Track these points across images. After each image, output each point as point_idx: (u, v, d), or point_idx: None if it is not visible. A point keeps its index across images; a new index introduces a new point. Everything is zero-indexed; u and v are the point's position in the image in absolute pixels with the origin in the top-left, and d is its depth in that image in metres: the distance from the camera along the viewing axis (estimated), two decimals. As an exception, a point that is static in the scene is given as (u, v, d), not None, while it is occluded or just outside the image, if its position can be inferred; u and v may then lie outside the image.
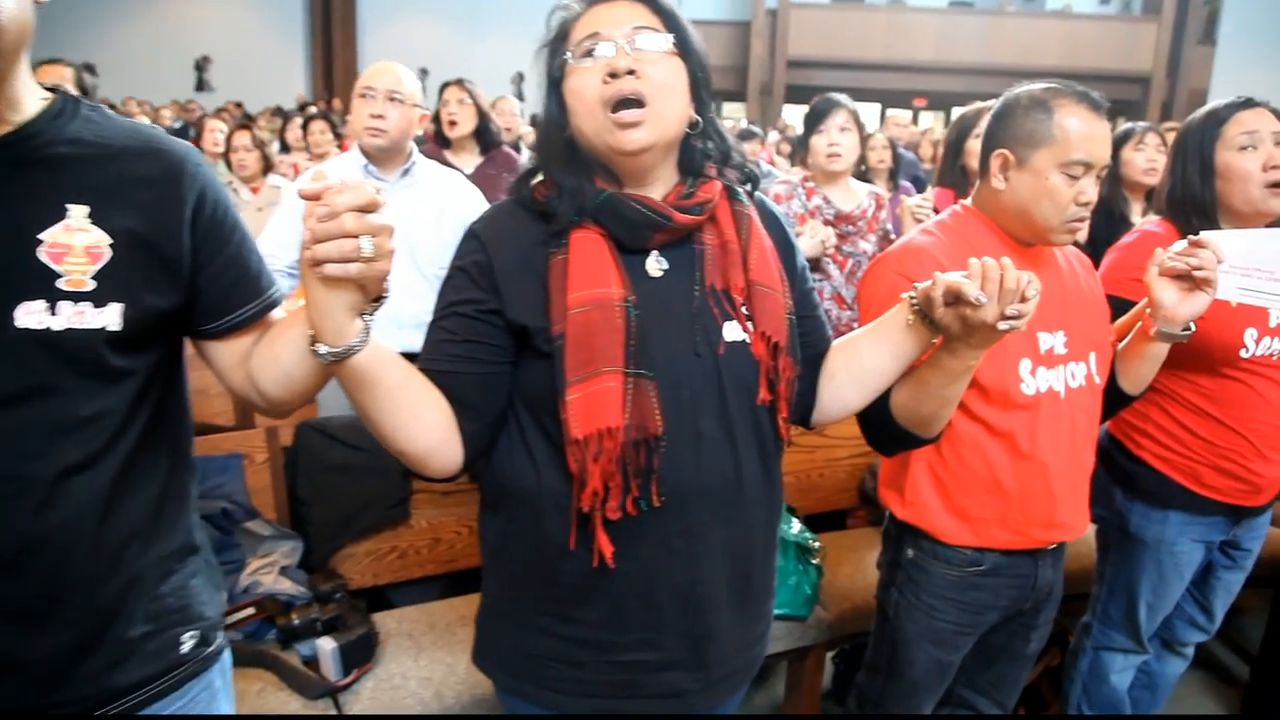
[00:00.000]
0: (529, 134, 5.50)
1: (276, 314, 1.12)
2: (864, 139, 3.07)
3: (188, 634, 1.08)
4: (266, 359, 1.06)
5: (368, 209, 0.87)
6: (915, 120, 14.80)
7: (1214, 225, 1.79)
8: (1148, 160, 2.99)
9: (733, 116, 15.18)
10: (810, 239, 2.69)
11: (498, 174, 3.17)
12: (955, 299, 1.09)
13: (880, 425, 1.31)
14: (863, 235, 2.86)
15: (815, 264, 2.79)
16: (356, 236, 0.86)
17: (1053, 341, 1.51)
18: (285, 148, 6.34)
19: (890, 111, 13.66)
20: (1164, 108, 15.20)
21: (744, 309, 1.16)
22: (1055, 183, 1.43)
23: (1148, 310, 1.53)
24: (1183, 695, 2.41)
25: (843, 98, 2.87)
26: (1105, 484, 1.98)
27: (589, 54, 1.11)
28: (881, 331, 1.24)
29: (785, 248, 1.26)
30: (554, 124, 1.17)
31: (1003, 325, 1.10)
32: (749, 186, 1.26)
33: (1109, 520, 1.99)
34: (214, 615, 1.13)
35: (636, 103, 1.07)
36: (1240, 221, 1.79)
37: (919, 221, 2.42)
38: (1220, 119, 1.80)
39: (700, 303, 1.15)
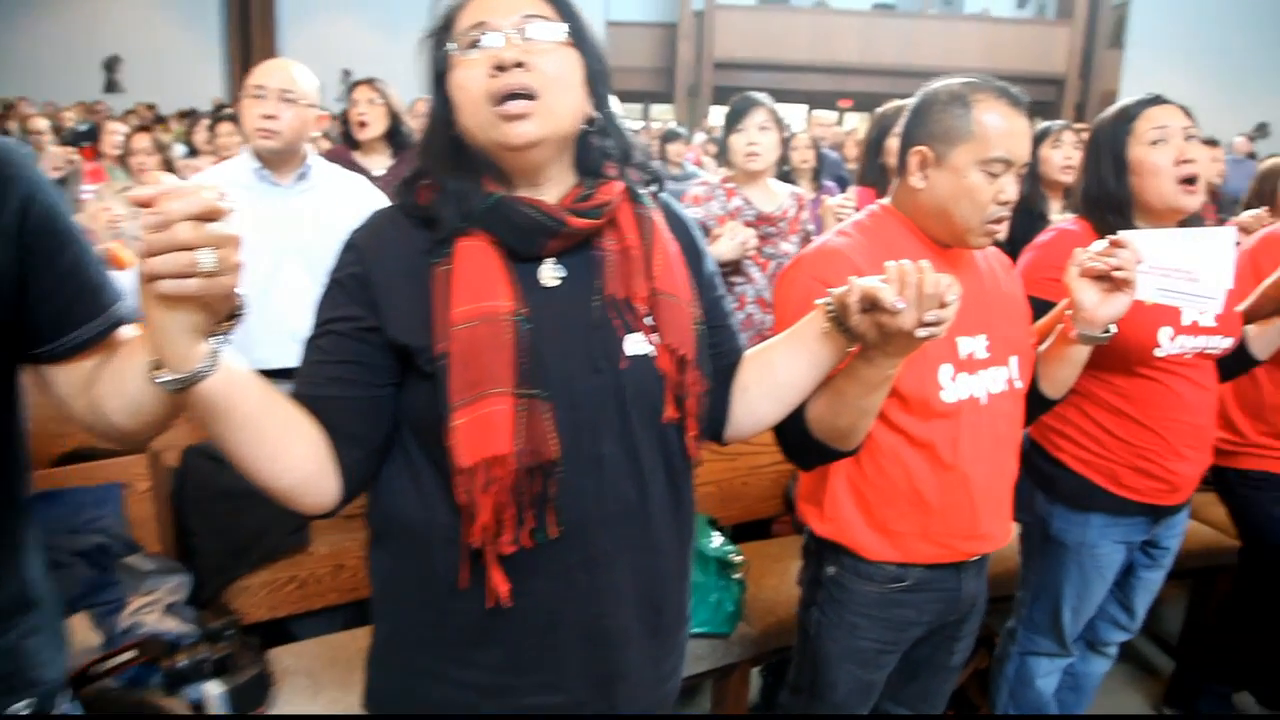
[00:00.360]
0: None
1: (127, 332, 1.00)
2: (786, 139, 3.03)
3: (21, 703, 0.95)
4: (112, 386, 0.94)
5: (208, 217, 0.76)
6: (840, 121, 14.97)
7: (1129, 222, 1.77)
8: (1065, 158, 3.00)
9: (661, 118, 15.18)
10: (730, 241, 2.63)
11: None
12: (872, 305, 1.03)
13: (796, 439, 1.24)
14: (784, 236, 2.81)
15: (736, 266, 2.73)
16: (194, 249, 0.75)
17: (973, 346, 1.46)
18: (193, 151, 6.07)
19: (815, 112, 13.82)
20: (1078, 109, 15.65)
21: (648, 320, 1.08)
22: (975, 181, 1.38)
23: (1068, 312, 1.49)
24: (1106, 691, 2.40)
25: (762, 96, 2.82)
26: (1027, 488, 1.95)
27: (474, 45, 1.01)
28: (796, 340, 1.17)
29: (692, 253, 1.18)
30: (438, 121, 1.07)
31: (922, 333, 1.04)
32: (654, 187, 1.18)
33: (1031, 525, 1.97)
34: (55, 677, 1.00)
35: (526, 96, 0.98)
36: (1154, 217, 1.78)
37: (840, 221, 2.39)
38: (1131, 116, 1.79)
39: (600, 314, 1.06)
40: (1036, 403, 1.58)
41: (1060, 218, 3.10)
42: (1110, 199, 1.78)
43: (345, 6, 16.57)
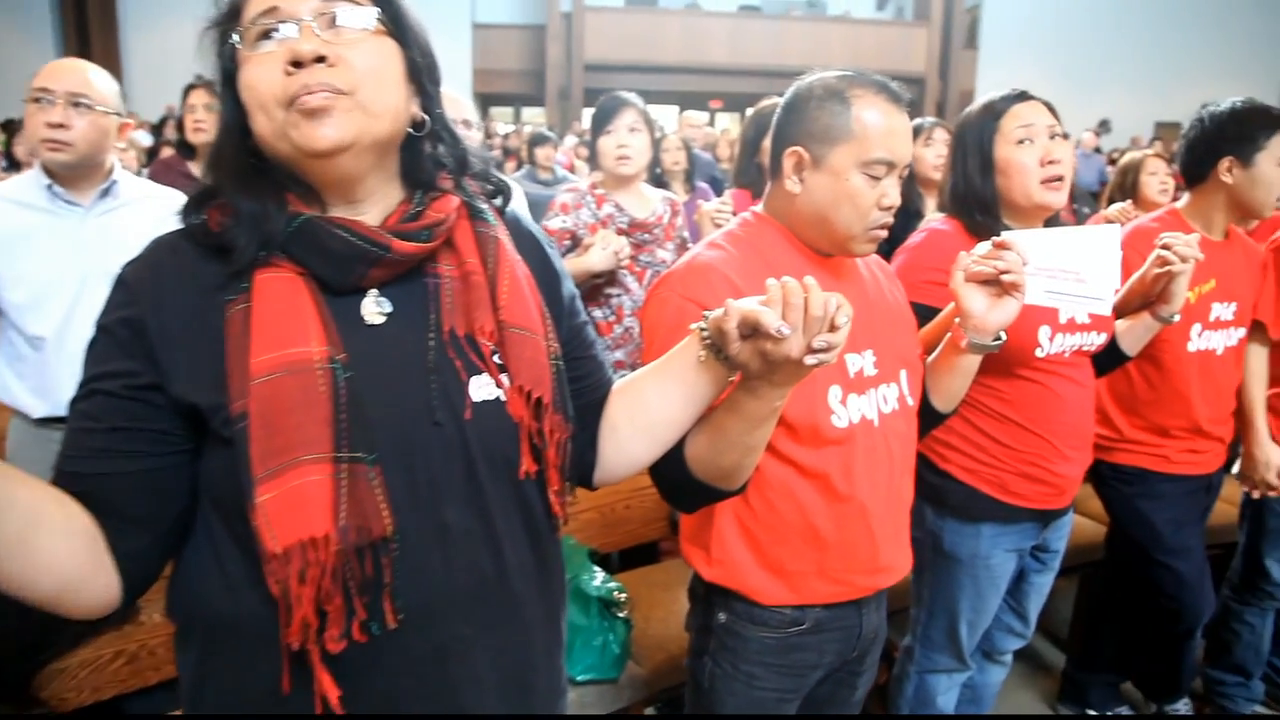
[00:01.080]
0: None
1: None
2: (657, 140, 2.91)
3: None
4: None
5: None
6: (712, 121, 15.10)
7: (996, 220, 1.73)
8: (937, 155, 2.99)
9: (532, 121, 14.96)
10: (603, 250, 2.48)
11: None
12: (753, 331, 0.90)
13: (675, 479, 1.10)
14: (660, 243, 2.68)
15: (612, 277, 2.59)
16: None
17: (861, 363, 1.36)
18: (14, 164, 5.52)
19: (687, 113, 13.93)
20: (939, 108, 16.27)
21: (495, 358, 0.91)
22: (856, 184, 1.27)
23: (956, 320, 1.41)
24: (1002, 692, 2.38)
25: (631, 96, 2.68)
26: (916, 502, 1.88)
27: (265, 36, 0.83)
28: (669, 371, 1.03)
29: (546, 275, 1.03)
30: (229, 129, 0.89)
31: (810, 360, 0.92)
32: (499, 201, 1.02)
33: (922, 540, 1.89)
34: None
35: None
36: (1021, 216, 1.74)
37: (719, 227, 2.28)
38: (997, 112, 1.74)
39: (437, 354, 0.89)
40: (928, 417, 1.50)
41: (931, 216, 3.10)
42: (977, 197, 1.74)
43: (197, 10, 15.65)
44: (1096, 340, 1.77)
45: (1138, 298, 1.83)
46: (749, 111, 2.96)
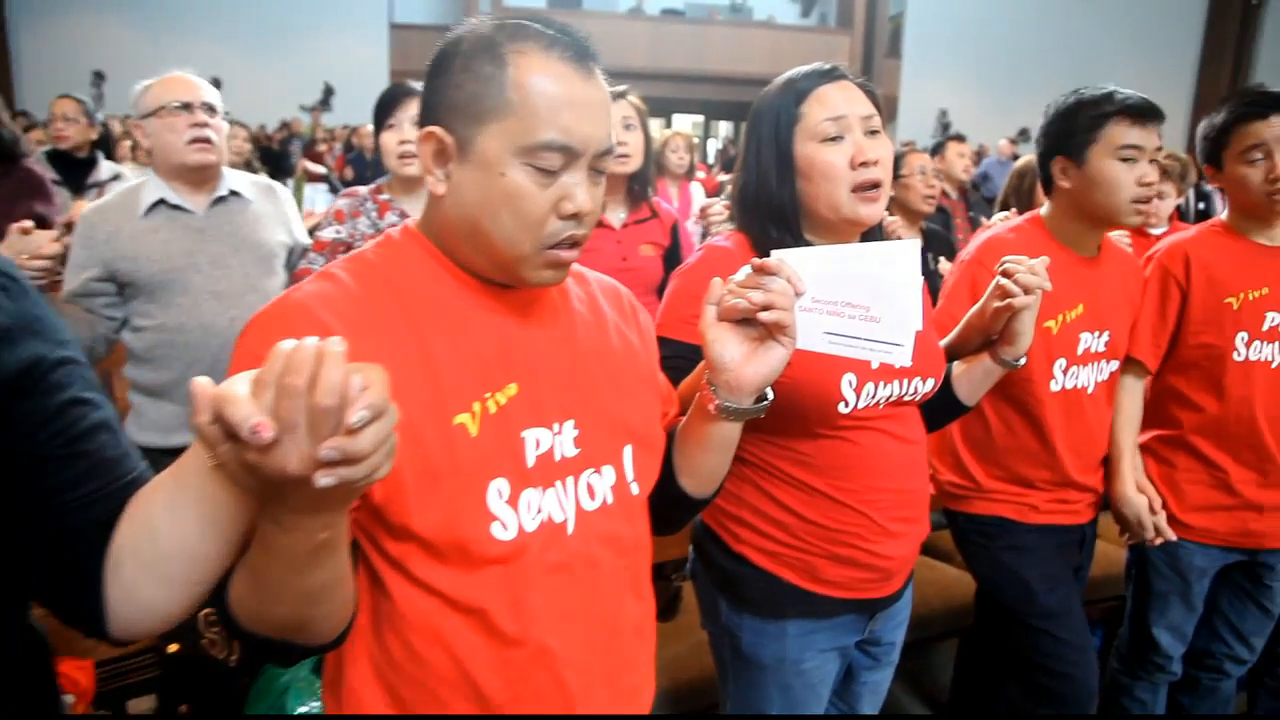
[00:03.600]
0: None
1: None
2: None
3: None
4: None
5: None
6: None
7: (796, 236, 1.34)
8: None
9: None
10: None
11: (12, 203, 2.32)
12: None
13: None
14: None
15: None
16: None
17: (552, 443, 0.95)
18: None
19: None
20: (864, 115, 16.22)
21: None
22: (516, 180, 0.88)
23: (706, 376, 1.02)
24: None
25: (417, 85, 2.25)
26: (708, 590, 1.49)
27: None
28: (181, 482, 0.70)
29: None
30: None
31: (322, 480, 0.57)
32: None
33: (719, 638, 1.50)
34: None
35: None
36: (828, 231, 1.35)
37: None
38: (799, 94, 1.34)
39: None
40: (675, 503, 1.10)
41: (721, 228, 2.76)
42: (770, 205, 1.34)
43: (95, 4, 14.93)
44: (922, 388, 1.40)
45: (976, 334, 1.46)
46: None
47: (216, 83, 2.21)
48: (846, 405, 1.31)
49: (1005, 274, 1.34)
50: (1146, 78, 16.90)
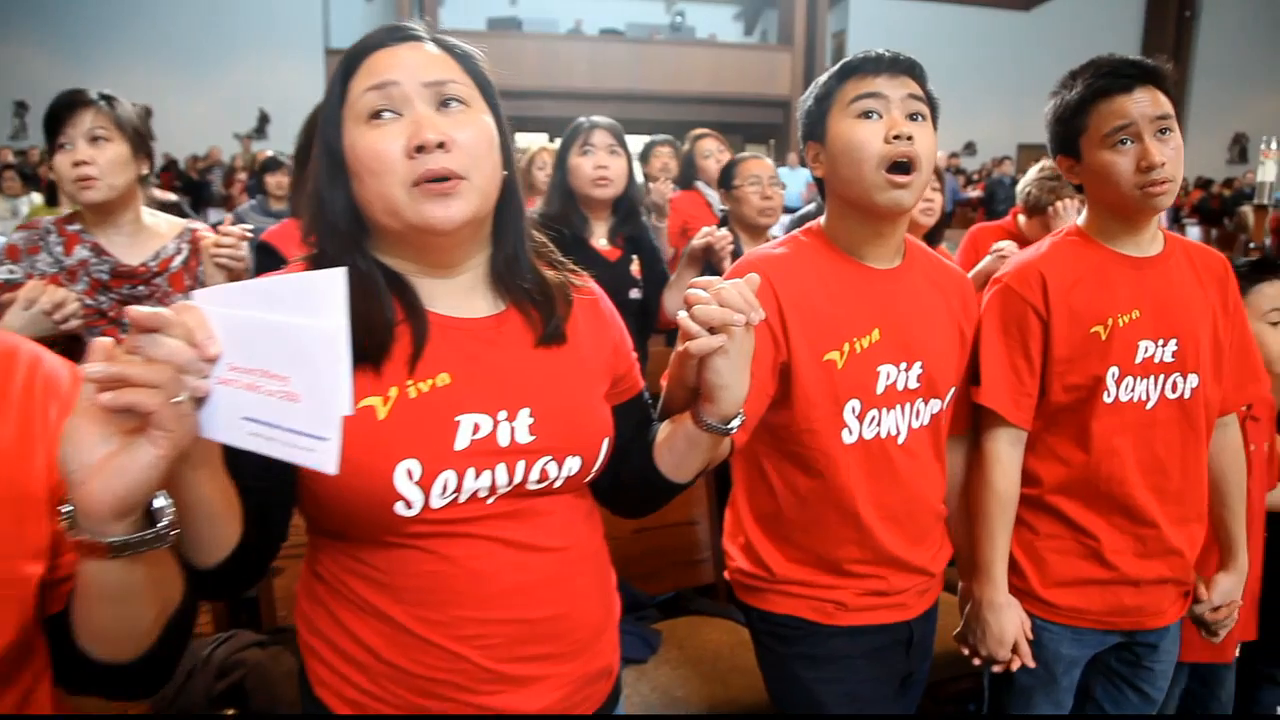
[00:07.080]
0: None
1: None
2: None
3: None
4: None
5: None
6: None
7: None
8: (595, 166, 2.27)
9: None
10: (24, 311, 1.61)
11: None
12: None
13: None
14: (165, 297, 1.84)
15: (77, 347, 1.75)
16: None
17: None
18: None
19: (557, 140, 13.40)
20: (805, 131, 16.13)
21: None
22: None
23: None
24: None
25: (94, 94, 1.81)
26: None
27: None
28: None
29: None
30: None
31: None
32: None
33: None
34: None
35: None
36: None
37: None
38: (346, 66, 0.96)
39: None
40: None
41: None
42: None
43: (16, 32, 14.48)
44: (556, 471, 0.97)
45: (681, 389, 1.08)
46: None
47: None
48: (410, 506, 0.89)
49: (687, 302, 0.96)
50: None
